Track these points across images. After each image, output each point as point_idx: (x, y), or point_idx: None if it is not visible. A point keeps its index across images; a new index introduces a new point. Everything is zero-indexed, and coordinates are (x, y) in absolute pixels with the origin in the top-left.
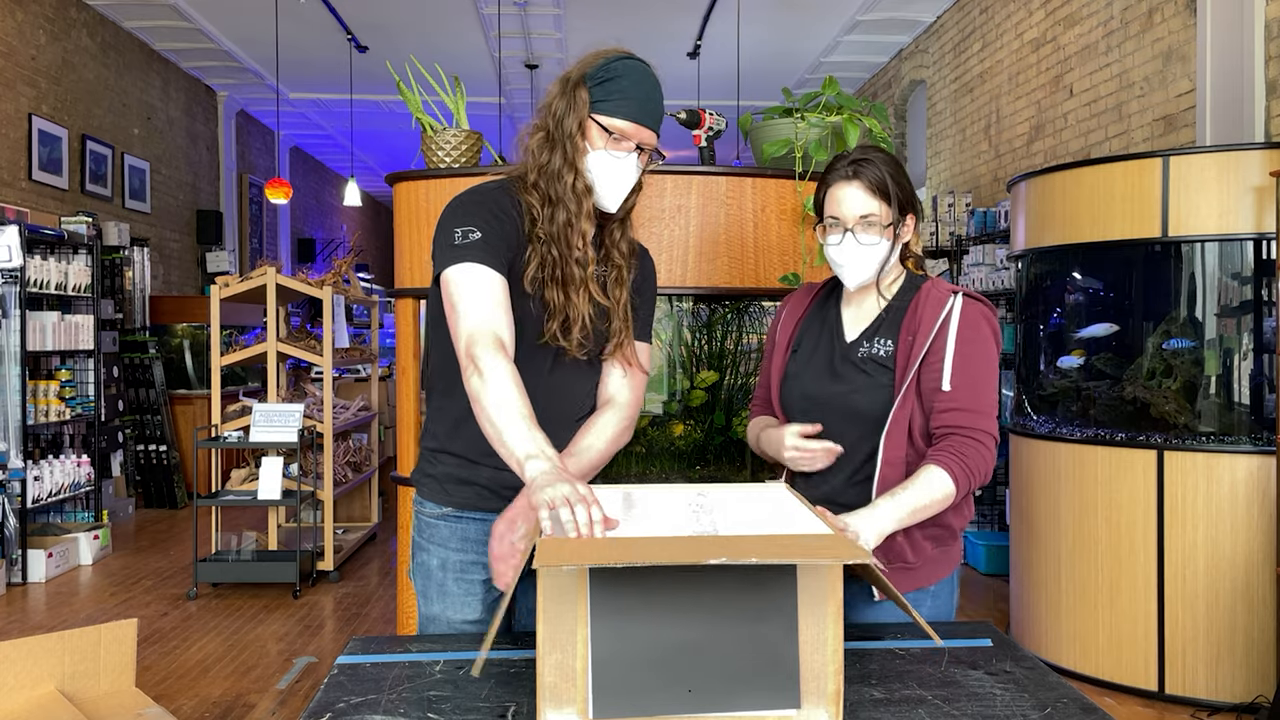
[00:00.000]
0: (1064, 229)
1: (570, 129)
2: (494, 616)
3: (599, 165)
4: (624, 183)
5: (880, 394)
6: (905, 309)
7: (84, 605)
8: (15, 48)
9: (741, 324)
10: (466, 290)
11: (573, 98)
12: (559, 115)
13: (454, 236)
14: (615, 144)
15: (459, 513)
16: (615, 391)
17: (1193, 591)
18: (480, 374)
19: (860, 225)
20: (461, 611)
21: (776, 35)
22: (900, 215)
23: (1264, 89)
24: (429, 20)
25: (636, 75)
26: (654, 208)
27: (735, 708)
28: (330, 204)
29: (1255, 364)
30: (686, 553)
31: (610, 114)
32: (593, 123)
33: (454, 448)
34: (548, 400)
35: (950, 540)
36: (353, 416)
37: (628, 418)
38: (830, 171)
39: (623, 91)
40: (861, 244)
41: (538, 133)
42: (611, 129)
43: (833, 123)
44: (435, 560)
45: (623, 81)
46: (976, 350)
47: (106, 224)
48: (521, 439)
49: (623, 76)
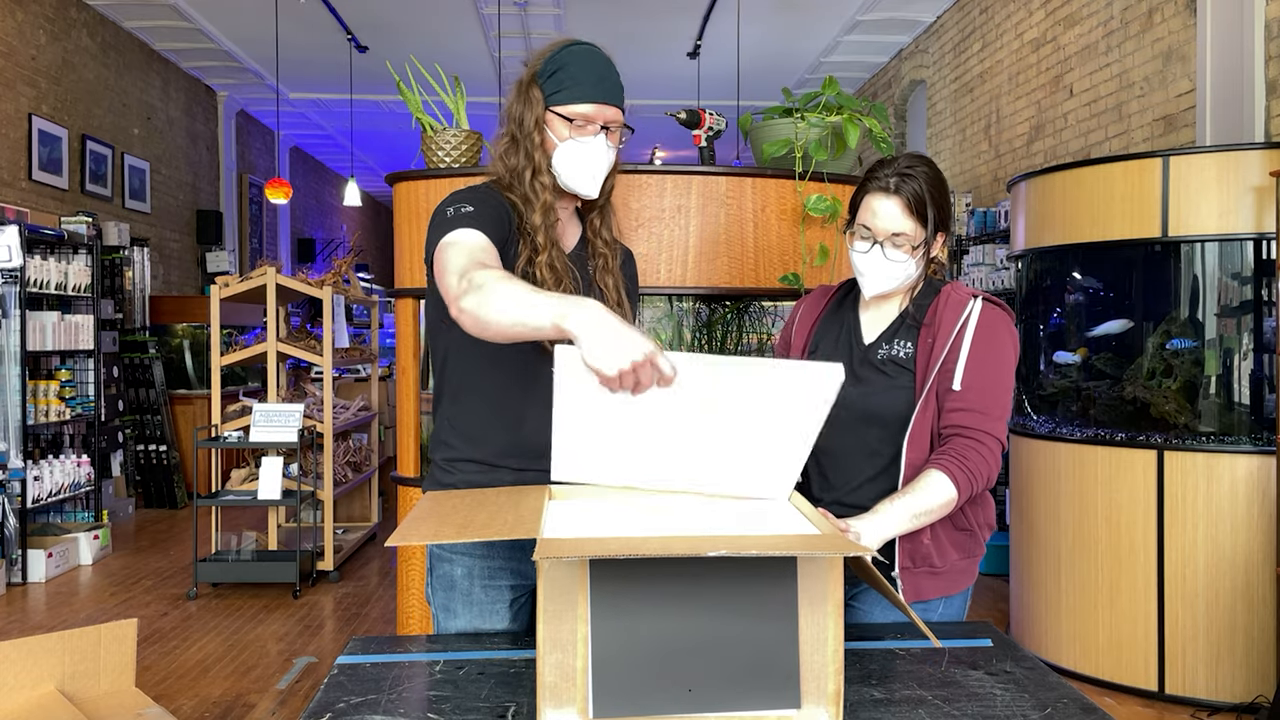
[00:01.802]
0: (1064, 229)
1: (529, 128)
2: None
3: (569, 154)
4: (598, 165)
5: (900, 395)
6: (924, 311)
7: (84, 605)
8: (15, 48)
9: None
10: (455, 248)
11: (527, 97)
12: (518, 117)
13: (445, 214)
14: (580, 130)
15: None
16: None
17: (1193, 591)
18: (477, 287)
19: (890, 242)
20: (490, 620)
21: (776, 35)
22: (932, 235)
23: (1264, 89)
24: (429, 20)
25: (584, 58)
26: (654, 208)
27: (735, 707)
28: (330, 204)
29: (1255, 364)
30: (686, 546)
31: (566, 102)
32: (553, 115)
33: (472, 454)
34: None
35: (976, 551)
36: (353, 416)
37: None
38: (871, 179)
39: (574, 77)
40: (888, 259)
41: (503, 139)
42: (572, 116)
43: (833, 123)
44: (460, 570)
45: (571, 68)
46: (992, 353)
47: (106, 224)
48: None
49: (570, 63)
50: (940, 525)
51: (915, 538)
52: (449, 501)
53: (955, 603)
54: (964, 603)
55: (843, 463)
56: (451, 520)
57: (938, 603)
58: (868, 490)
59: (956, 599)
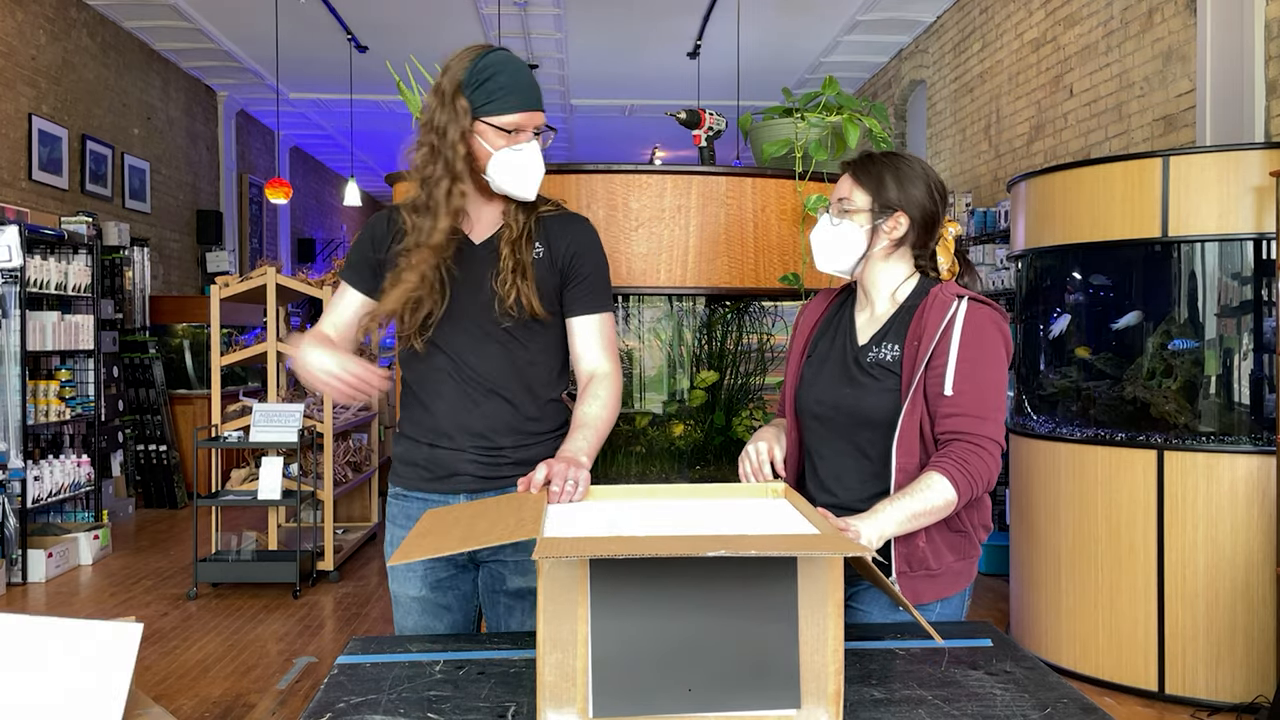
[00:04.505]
0: (1064, 229)
1: (454, 139)
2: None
3: (506, 164)
4: (535, 170)
5: (888, 398)
6: (913, 314)
7: (84, 605)
8: (15, 48)
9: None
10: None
11: (452, 107)
12: (441, 127)
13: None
14: (514, 139)
15: (406, 492)
16: (595, 363)
17: (1193, 591)
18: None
19: (836, 208)
20: (405, 587)
21: (776, 35)
22: (885, 210)
23: (1264, 89)
24: (429, 20)
25: (510, 66)
26: (654, 208)
27: (735, 707)
28: (330, 204)
29: (1255, 364)
30: (686, 546)
31: (500, 112)
32: (485, 125)
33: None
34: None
35: (972, 552)
36: (353, 416)
37: (616, 384)
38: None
39: (504, 87)
40: (832, 226)
41: (421, 148)
42: (507, 125)
43: (833, 123)
44: (389, 538)
45: (500, 78)
46: (981, 355)
47: (106, 224)
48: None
49: (498, 72)
50: (935, 528)
51: (911, 542)
52: (450, 515)
53: (953, 603)
54: (962, 603)
55: (835, 465)
56: (452, 533)
57: (935, 605)
58: (860, 492)
59: (954, 599)
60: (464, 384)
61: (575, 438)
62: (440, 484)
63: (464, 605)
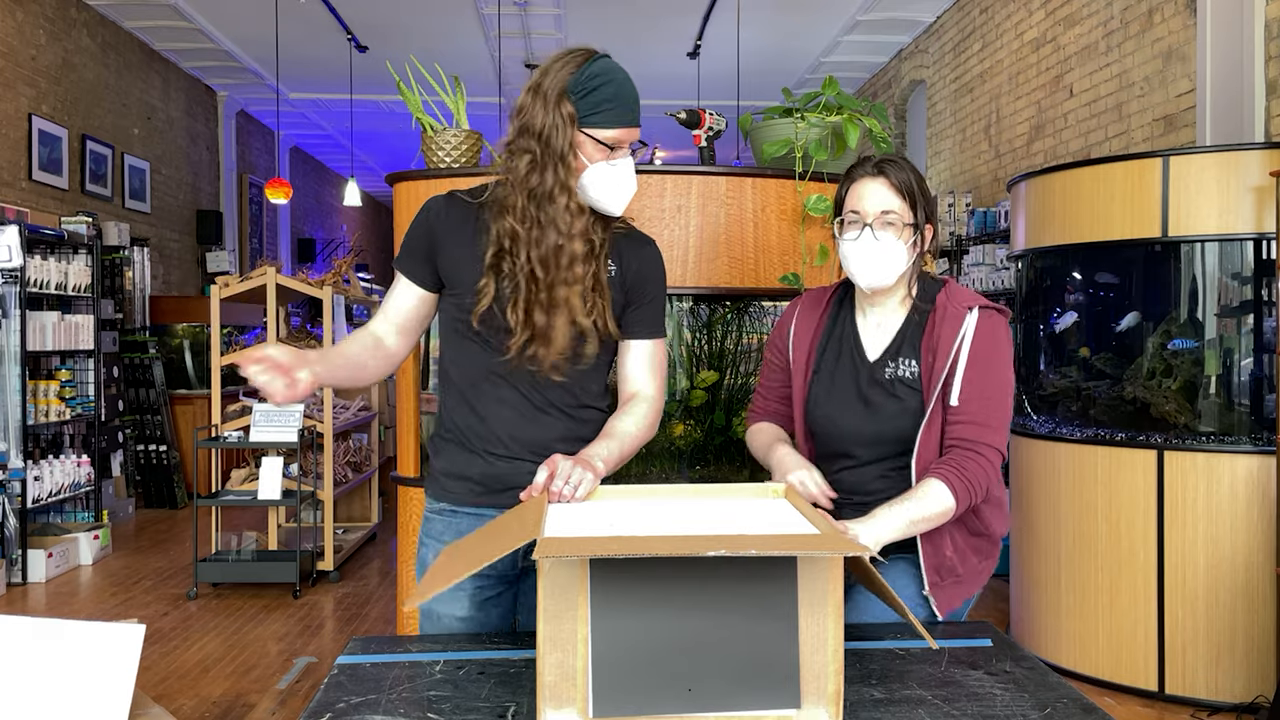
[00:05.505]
0: (1064, 229)
1: (561, 148)
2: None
3: (601, 177)
4: (628, 185)
5: (907, 420)
6: (924, 324)
7: (84, 605)
8: (15, 48)
9: (741, 324)
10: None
11: (558, 112)
12: (544, 133)
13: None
14: (612, 154)
15: (454, 508)
16: (642, 385)
17: (1193, 591)
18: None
19: (880, 222)
20: (450, 607)
21: (776, 35)
22: (922, 222)
23: (1264, 89)
24: (429, 20)
25: (617, 77)
26: (654, 208)
27: (735, 707)
28: (330, 204)
29: (1255, 364)
30: (686, 546)
31: (602, 125)
32: (584, 137)
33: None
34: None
35: (993, 551)
36: (353, 416)
37: (656, 410)
38: (854, 169)
39: (610, 99)
40: (879, 241)
41: (522, 154)
42: (608, 141)
43: (833, 123)
44: (430, 554)
45: (607, 89)
46: (990, 363)
47: (106, 224)
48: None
49: (606, 83)
50: (958, 533)
51: (939, 551)
52: (462, 546)
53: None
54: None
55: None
56: (464, 559)
57: (963, 607)
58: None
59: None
60: (526, 393)
61: (598, 444)
62: (496, 498)
63: (504, 622)
